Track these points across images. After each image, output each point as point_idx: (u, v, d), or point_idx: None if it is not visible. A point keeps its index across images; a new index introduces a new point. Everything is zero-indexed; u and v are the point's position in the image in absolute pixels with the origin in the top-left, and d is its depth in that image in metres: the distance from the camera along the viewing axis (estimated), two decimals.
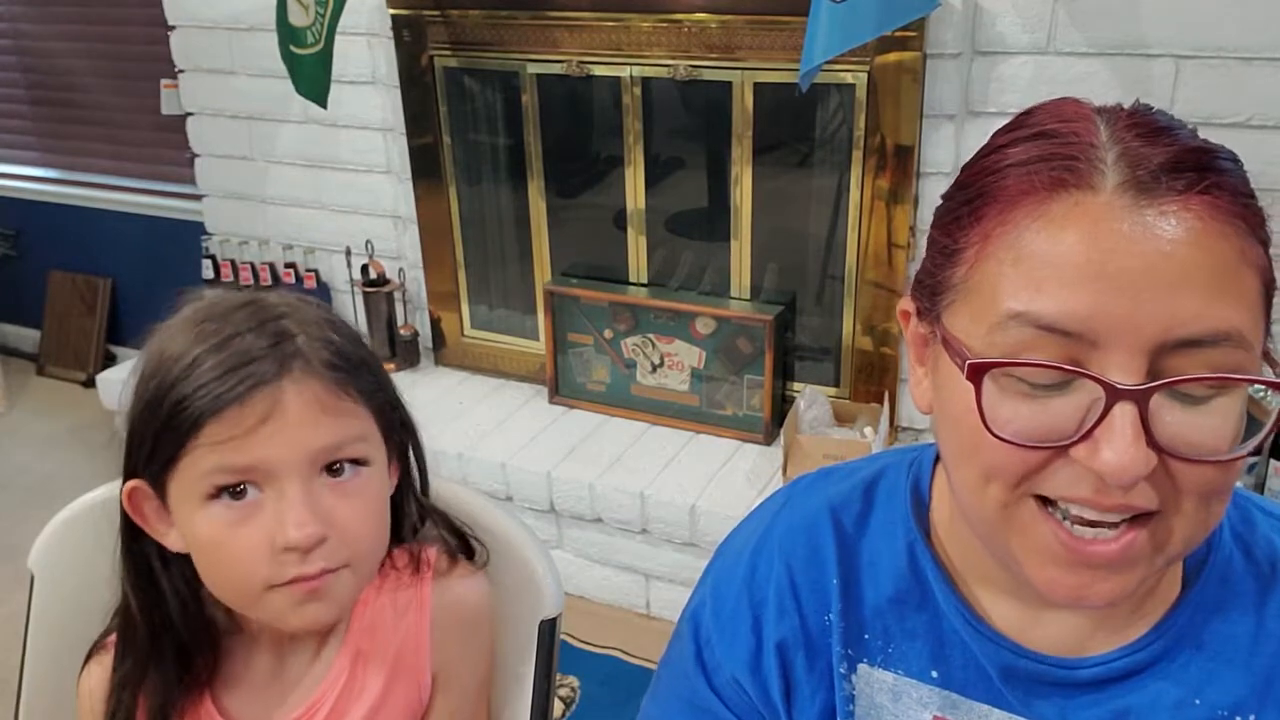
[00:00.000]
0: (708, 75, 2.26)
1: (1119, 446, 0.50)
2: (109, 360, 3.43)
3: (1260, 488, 1.96)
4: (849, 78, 2.11)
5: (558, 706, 1.99)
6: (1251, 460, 1.94)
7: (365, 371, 0.82)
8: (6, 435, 3.20)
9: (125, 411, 0.80)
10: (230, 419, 0.74)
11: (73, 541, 0.98)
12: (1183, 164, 0.52)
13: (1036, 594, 0.57)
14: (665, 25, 2.23)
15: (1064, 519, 0.54)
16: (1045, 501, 0.55)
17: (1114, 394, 0.50)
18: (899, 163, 2.11)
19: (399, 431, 0.87)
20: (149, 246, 3.33)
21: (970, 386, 0.53)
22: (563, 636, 0.97)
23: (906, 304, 0.63)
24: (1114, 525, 0.53)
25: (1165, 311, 0.50)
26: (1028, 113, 0.58)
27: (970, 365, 0.53)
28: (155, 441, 0.76)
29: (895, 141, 2.10)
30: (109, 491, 0.99)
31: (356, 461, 0.79)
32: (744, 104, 2.25)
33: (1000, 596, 0.65)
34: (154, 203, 3.28)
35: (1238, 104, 1.84)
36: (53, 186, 3.48)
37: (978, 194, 0.56)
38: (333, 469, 0.78)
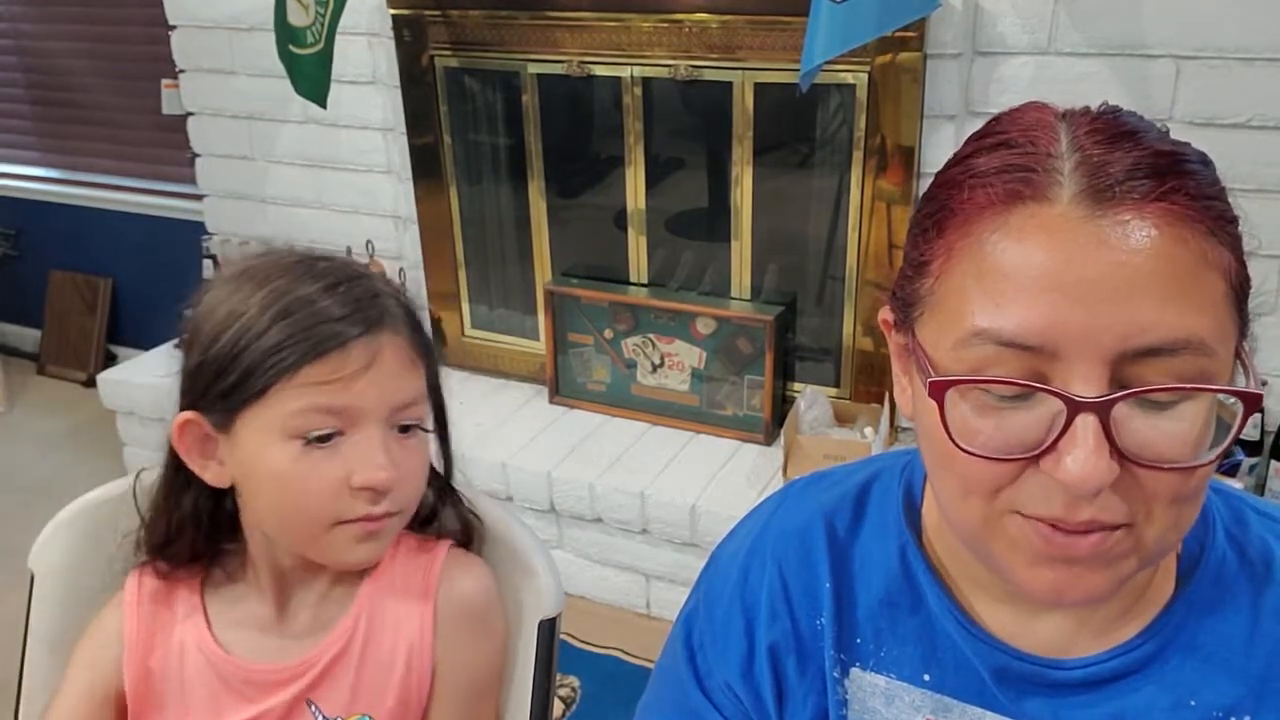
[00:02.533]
0: (708, 75, 2.26)
1: (1080, 457, 0.50)
2: (109, 360, 3.43)
3: (1261, 489, 1.96)
4: (849, 78, 2.11)
5: (558, 706, 1.99)
6: (1252, 461, 1.94)
7: (425, 334, 0.88)
8: (7, 435, 3.20)
9: (185, 355, 0.83)
10: (333, 362, 0.78)
11: (73, 541, 0.98)
12: (1140, 169, 0.52)
13: (1023, 596, 0.58)
14: (666, 25, 2.23)
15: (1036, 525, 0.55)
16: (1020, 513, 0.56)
17: (1074, 406, 0.50)
18: (899, 163, 2.11)
19: (436, 394, 0.90)
20: (150, 246, 3.33)
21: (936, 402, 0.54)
22: (563, 636, 0.98)
23: (886, 313, 0.63)
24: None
25: (1123, 321, 0.50)
26: (995, 120, 0.58)
27: (931, 384, 0.54)
28: (240, 379, 0.79)
29: (895, 142, 2.10)
30: (109, 491, 1.00)
31: (420, 424, 0.86)
32: (744, 104, 2.25)
33: (991, 599, 0.65)
34: (155, 202, 3.28)
35: (1238, 105, 1.84)
36: (53, 186, 3.48)
37: (941, 207, 0.56)
38: (403, 427, 0.83)
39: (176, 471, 0.87)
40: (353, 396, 0.79)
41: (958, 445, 0.54)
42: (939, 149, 2.07)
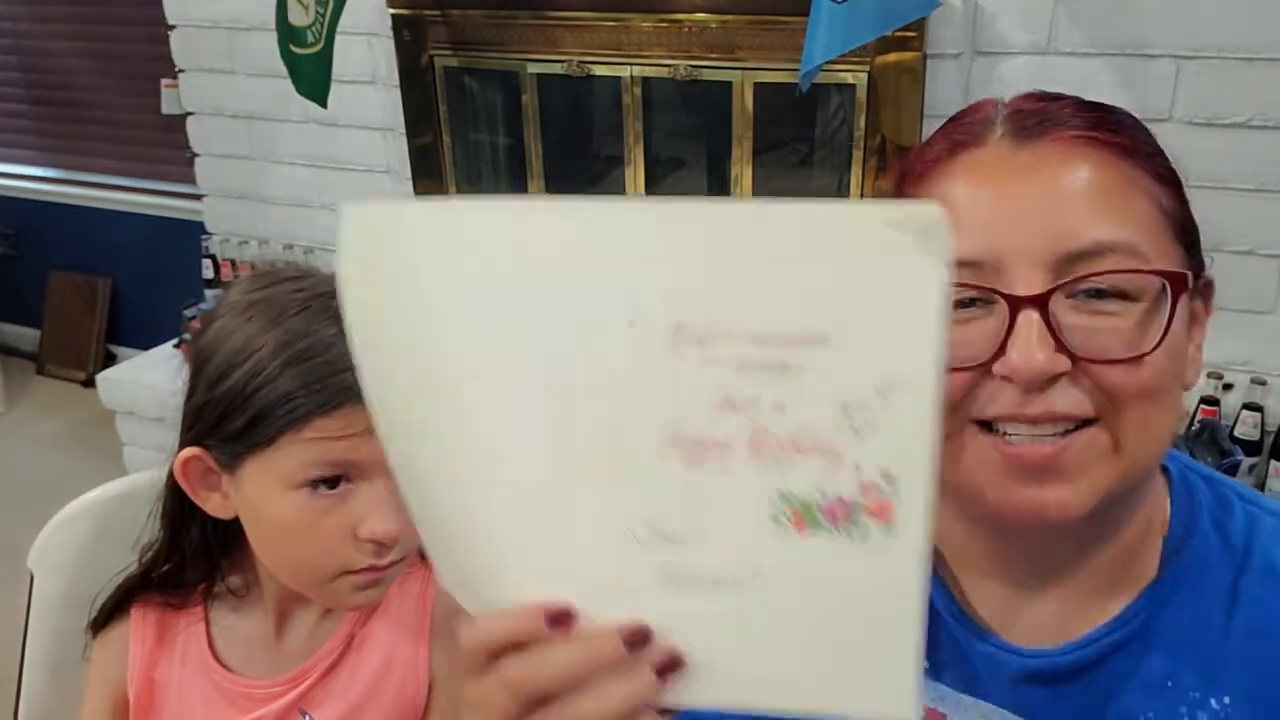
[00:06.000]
0: (708, 75, 2.25)
1: (1021, 347, 0.54)
2: (109, 360, 3.43)
3: (1260, 489, 1.96)
4: (849, 78, 2.11)
5: None
6: (1251, 461, 1.94)
7: None
8: (6, 435, 3.20)
9: (191, 385, 0.81)
10: (342, 418, 0.75)
11: (72, 541, 0.98)
12: (1064, 112, 0.60)
13: (1006, 520, 0.58)
14: (665, 25, 2.23)
15: (1002, 436, 0.57)
16: (984, 427, 0.58)
17: (1015, 302, 0.55)
18: (899, 163, 2.10)
19: None
20: (149, 246, 3.33)
21: None
22: None
23: None
24: (1051, 437, 0.56)
25: (1054, 229, 0.56)
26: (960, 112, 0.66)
27: None
28: (248, 425, 0.76)
29: (895, 142, 2.09)
30: (108, 491, 1.00)
31: None
32: (744, 104, 2.25)
33: (984, 582, 0.66)
34: (154, 202, 3.28)
35: (1238, 105, 1.84)
36: (53, 186, 3.48)
37: (903, 173, 0.65)
38: None
39: (180, 503, 0.85)
40: (363, 450, 0.76)
41: None
42: None
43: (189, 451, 0.80)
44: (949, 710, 0.67)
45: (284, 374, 0.75)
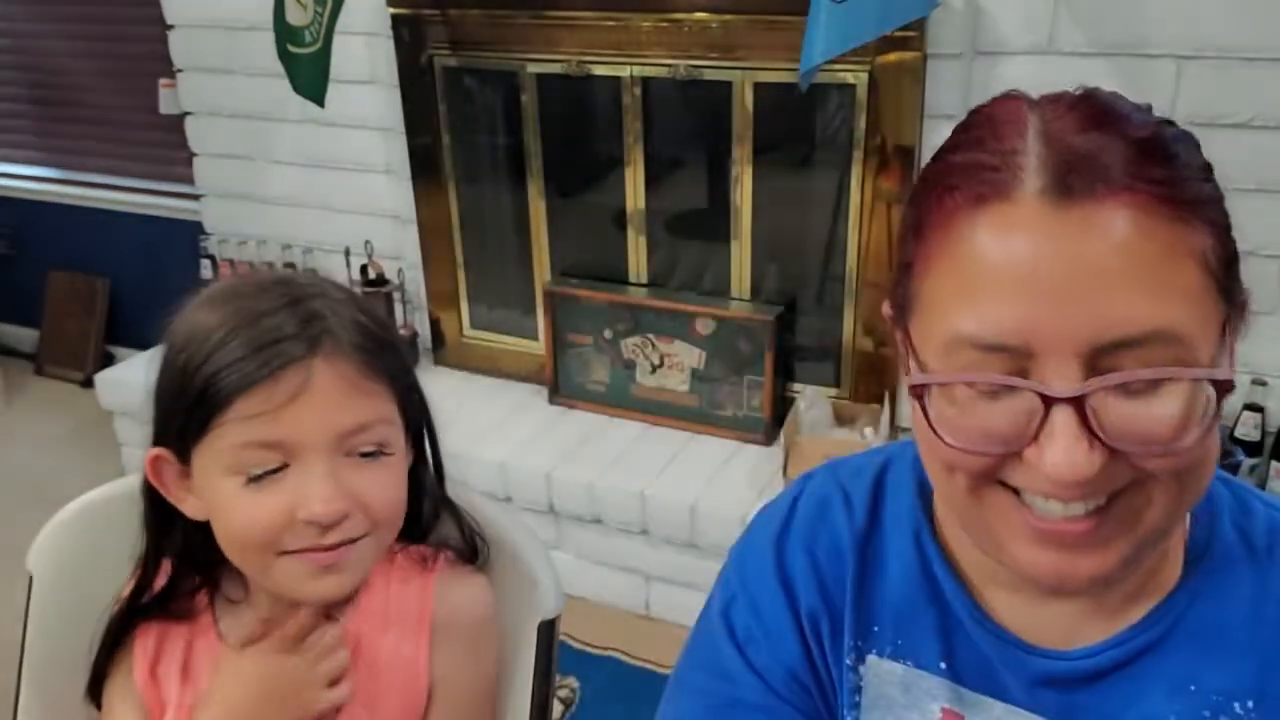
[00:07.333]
0: (708, 75, 2.25)
1: (1060, 448, 0.51)
2: (107, 360, 3.42)
3: (1261, 488, 1.96)
4: (849, 78, 2.11)
5: (557, 707, 1.99)
6: (1252, 462, 1.94)
7: (391, 353, 0.83)
8: (5, 435, 3.20)
9: (153, 383, 0.82)
10: (261, 395, 0.75)
11: (71, 541, 0.98)
12: (1105, 159, 0.52)
13: (1024, 580, 0.58)
14: (665, 25, 2.23)
15: (1031, 506, 0.55)
16: (1008, 488, 0.56)
17: (1050, 401, 0.51)
18: (899, 163, 2.10)
19: (417, 415, 0.88)
20: (147, 246, 3.33)
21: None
22: (562, 637, 0.97)
23: (887, 308, 0.65)
24: (1084, 514, 0.54)
25: (1093, 316, 0.50)
26: (975, 110, 0.59)
27: (911, 386, 0.56)
28: (186, 414, 0.77)
29: (896, 142, 2.09)
30: (108, 491, 0.99)
31: (381, 448, 0.81)
32: (744, 104, 2.24)
33: (999, 587, 0.66)
34: (152, 202, 3.27)
35: (1239, 105, 1.84)
36: (51, 186, 3.48)
37: (924, 209, 0.57)
38: (364, 453, 0.80)
39: (158, 509, 0.85)
40: (287, 427, 0.76)
41: (943, 440, 0.55)
42: None
43: (153, 451, 0.81)
44: (967, 711, 0.66)
45: (217, 352, 0.76)
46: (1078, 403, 0.51)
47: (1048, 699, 0.64)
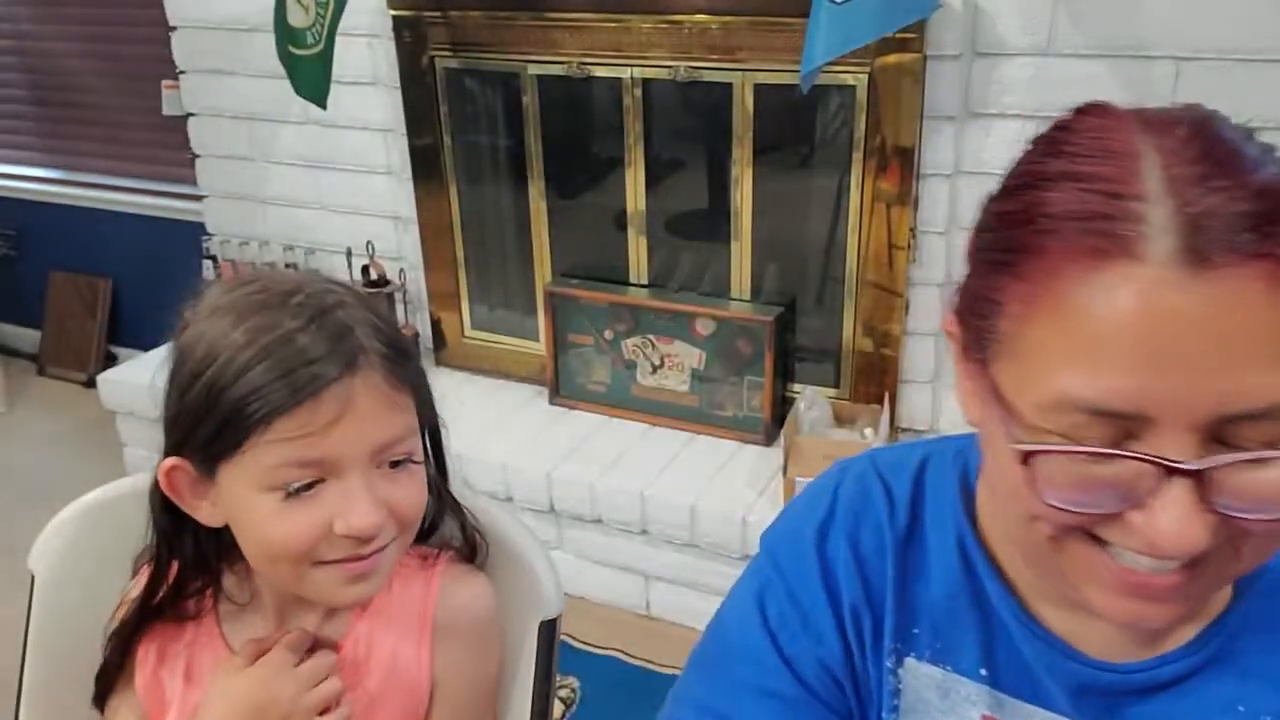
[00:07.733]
0: (708, 76, 2.26)
1: (1174, 518, 0.49)
2: (109, 361, 3.43)
3: None
4: (849, 79, 2.11)
5: (557, 707, 1.99)
6: None
7: (410, 359, 0.84)
8: (7, 435, 3.20)
9: (166, 392, 0.81)
10: (301, 418, 0.75)
11: (73, 541, 0.98)
12: (1236, 219, 0.48)
13: (1093, 614, 0.57)
14: (666, 26, 2.23)
15: (1118, 556, 0.54)
16: (1094, 537, 0.54)
17: (1169, 472, 0.49)
18: (899, 164, 2.11)
19: (429, 416, 0.88)
20: (149, 247, 3.33)
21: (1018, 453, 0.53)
22: (563, 637, 0.97)
23: (951, 324, 0.61)
24: (1175, 570, 0.53)
25: (1222, 388, 0.48)
26: (1063, 129, 0.55)
27: (1022, 453, 0.52)
28: (215, 433, 0.77)
29: (895, 143, 2.10)
30: (109, 492, 1.00)
31: (409, 457, 0.82)
32: (744, 105, 2.25)
33: (1045, 598, 0.65)
34: (154, 203, 3.28)
35: (1238, 105, 1.83)
36: (53, 186, 3.48)
37: (1019, 245, 0.53)
38: (393, 463, 0.80)
39: (170, 515, 0.85)
40: (328, 447, 0.76)
41: (1042, 500, 0.53)
42: (939, 150, 2.07)
43: (170, 461, 0.81)
44: (1008, 718, 0.66)
45: (248, 373, 0.75)
46: (1198, 474, 0.49)
47: (1092, 709, 0.63)
